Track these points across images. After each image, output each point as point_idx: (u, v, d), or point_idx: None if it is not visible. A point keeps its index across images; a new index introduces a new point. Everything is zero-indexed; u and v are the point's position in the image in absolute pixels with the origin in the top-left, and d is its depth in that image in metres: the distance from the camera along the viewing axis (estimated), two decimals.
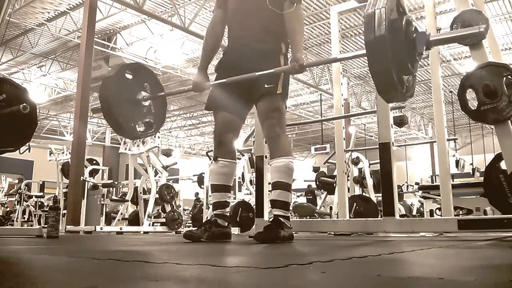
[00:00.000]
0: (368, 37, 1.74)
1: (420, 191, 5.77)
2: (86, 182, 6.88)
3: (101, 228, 6.22)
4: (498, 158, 2.71)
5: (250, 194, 6.39)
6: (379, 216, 4.24)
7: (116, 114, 2.64)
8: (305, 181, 9.41)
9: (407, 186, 11.15)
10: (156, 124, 2.86)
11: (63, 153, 8.28)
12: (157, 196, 6.91)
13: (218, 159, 2.63)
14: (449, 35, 1.95)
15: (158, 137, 7.44)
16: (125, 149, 7.23)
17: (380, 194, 3.10)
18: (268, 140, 2.64)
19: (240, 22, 2.66)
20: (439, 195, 3.89)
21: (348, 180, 5.01)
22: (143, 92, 2.72)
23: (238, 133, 2.76)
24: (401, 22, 1.80)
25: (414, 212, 9.34)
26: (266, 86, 2.47)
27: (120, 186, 9.98)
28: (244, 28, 2.63)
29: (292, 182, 2.57)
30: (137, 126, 2.74)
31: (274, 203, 2.53)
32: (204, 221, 3.72)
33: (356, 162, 6.01)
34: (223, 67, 2.67)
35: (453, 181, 3.95)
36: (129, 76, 2.74)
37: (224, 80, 2.53)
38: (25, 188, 9.52)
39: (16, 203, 9.73)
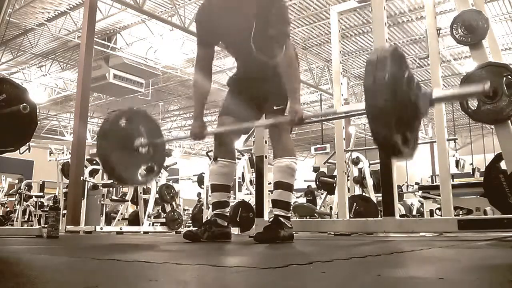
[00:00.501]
0: (370, 104, 1.70)
1: (420, 191, 5.77)
2: (86, 182, 6.88)
3: (101, 228, 6.22)
4: (498, 158, 2.71)
5: (250, 194, 6.38)
6: (379, 216, 4.24)
7: (117, 170, 2.65)
8: (305, 181, 9.41)
9: (407, 186, 11.14)
10: (157, 166, 2.87)
11: (63, 153, 8.28)
12: (157, 196, 6.91)
13: (218, 159, 2.64)
14: (453, 93, 1.93)
15: None
16: None
17: (380, 194, 3.10)
18: (271, 140, 2.65)
19: (243, 63, 2.69)
20: (439, 195, 3.89)
21: (348, 180, 5.01)
22: (140, 138, 2.69)
23: (239, 135, 2.78)
24: (403, 83, 1.75)
25: (414, 212, 9.34)
26: (275, 108, 2.50)
27: (120, 186, 9.97)
28: (249, 67, 2.65)
29: (294, 182, 2.58)
30: (138, 173, 2.74)
31: (275, 203, 2.54)
32: (204, 221, 3.73)
33: (356, 162, 6.01)
34: (235, 83, 2.71)
35: (453, 181, 3.95)
36: (124, 125, 2.70)
37: (223, 129, 2.59)
38: (25, 188, 9.51)
39: (16, 203, 9.72)
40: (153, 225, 7.00)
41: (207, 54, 2.63)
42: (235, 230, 4.71)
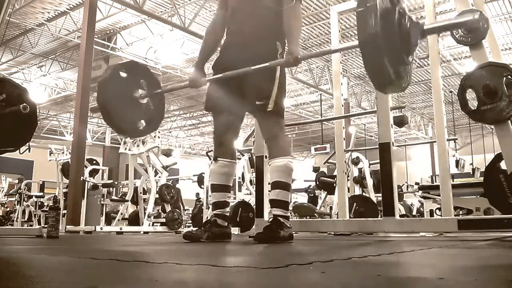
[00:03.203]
0: (362, 35, 1.72)
1: (420, 191, 5.76)
2: (86, 182, 6.88)
3: (101, 228, 6.22)
4: (498, 158, 2.71)
5: (250, 194, 6.38)
6: (379, 216, 4.24)
7: (116, 117, 2.64)
8: (305, 181, 9.41)
9: (407, 186, 11.14)
10: (156, 119, 2.85)
11: (63, 153, 8.28)
12: (157, 196, 6.90)
13: (218, 159, 2.64)
14: (443, 23, 1.94)
15: (158, 137, 7.44)
16: (125, 149, 7.23)
17: (380, 194, 3.09)
18: (266, 139, 2.64)
19: (238, 20, 2.64)
20: (439, 195, 3.89)
21: (348, 180, 5.01)
22: (140, 90, 2.71)
23: (237, 133, 2.77)
24: (394, 14, 1.77)
25: (414, 212, 9.34)
26: (257, 103, 2.44)
27: (120, 186, 9.97)
28: (241, 26, 2.61)
29: (291, 182, 2.57)
30: (137, 124, 2.73)
31: (274, 203, 2.54)
32: (204, 221, 3.72)
33: (356, 162, 6.01)
34: (219, 66, 2.63)
35: (453, 181, 3.94)
36: (124, 76, 2.72)
37: (220, 75, 2.50)
38: (25, 188, 9.51)
39: (16, 203, 9.73)
40: (153, 225, 7.00)
41: (222, 15, 2.71)
42: (235, 230, 4.71)
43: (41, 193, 9.59)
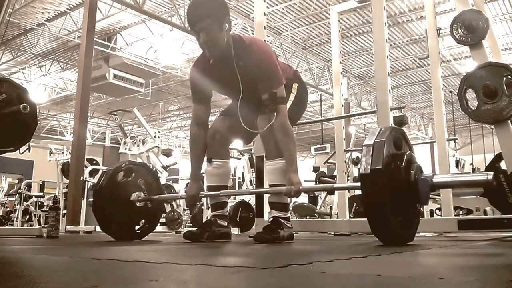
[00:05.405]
0: (367, 199, 1.67)
1: None
2: (86, 182, 6.88)
3: None
4: (498, 158, 2.72)
5: None
6: None
7: (112, 226, 2.69)
8: (305, 181, 9.41)
9: None
10: (154, 219, 2.90)
11: (63, 153, 8.28)
12: None
13: (212, 160, 2.63)
14: (454, 178, 1.90)
15: (158, 137, 7.45)
16: (125, 149, 7.23)
17: None
18: (263, 140, 2.63)
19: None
20: (439, 195, 3.89)
21: (348, 180, 5.02)
22: (137, 192, 2.73)
23: (232, 136, 2.77)
24: (400, 175, 1.70)
25: None
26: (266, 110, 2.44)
27: None
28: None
29: None
30: (135, 227, 2.78)
31: (272, 205, 2.53)
32: (204, 221, 3.72)
33: (356, 162, 6.02)
34: (229, 112, 2.70)
35: None
36: (121, 179, 2.75)
37: (219, 192, 2.61)
38: (25, 188, 9.50)
39: (16, 203, 9.72)
40: None
41: (202, 110, 2.64)
42: (235, 230, 4.71)
43: (41, 193, 9.58)
